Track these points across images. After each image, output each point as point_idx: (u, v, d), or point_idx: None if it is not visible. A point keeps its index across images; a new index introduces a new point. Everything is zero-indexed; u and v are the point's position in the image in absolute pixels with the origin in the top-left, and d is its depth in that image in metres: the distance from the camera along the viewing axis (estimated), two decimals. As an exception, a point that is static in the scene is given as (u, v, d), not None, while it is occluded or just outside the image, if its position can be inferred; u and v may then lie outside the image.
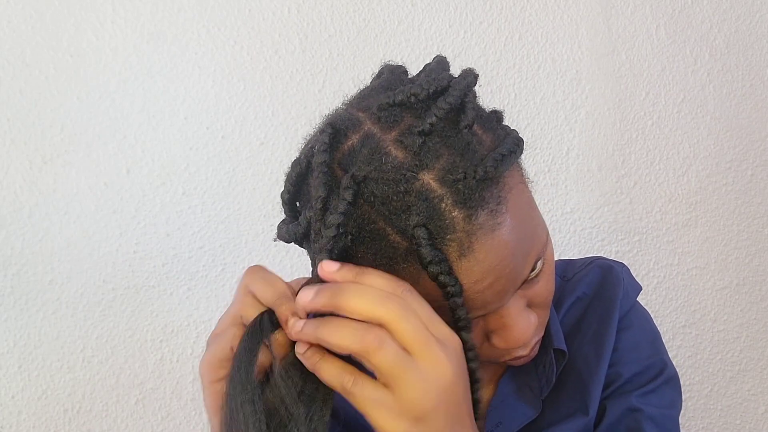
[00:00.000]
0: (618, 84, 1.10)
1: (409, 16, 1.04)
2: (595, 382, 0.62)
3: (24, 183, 0.95)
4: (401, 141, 0.45)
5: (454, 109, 0.46)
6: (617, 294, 0.66)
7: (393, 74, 0.52)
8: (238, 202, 1.01)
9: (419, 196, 0.44)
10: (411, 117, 0.46)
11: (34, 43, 0.93)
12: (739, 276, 1.17)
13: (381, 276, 0.44)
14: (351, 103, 0.51)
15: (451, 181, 0.44)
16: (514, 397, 0.62)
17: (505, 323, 0.50)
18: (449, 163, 0.45)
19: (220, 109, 1.00)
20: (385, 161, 0.45)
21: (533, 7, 1.07)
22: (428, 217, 0.44)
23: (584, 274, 0.68)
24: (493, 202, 0.45)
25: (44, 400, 0.99)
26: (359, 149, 0.46)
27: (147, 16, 0.96)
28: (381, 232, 0.45)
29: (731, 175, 1.15)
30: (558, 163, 1.10)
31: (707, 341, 1.18)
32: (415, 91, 0.46)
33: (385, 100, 0.47)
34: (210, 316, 1.02)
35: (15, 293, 0.96)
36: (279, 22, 1.00)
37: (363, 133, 0.47)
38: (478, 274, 0.45)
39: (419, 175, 0.44)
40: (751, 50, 1.14)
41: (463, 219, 0.44)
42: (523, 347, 0.53)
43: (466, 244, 0.44)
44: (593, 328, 0.65)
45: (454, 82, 0.48)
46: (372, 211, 0.45)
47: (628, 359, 0.64)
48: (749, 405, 1.20)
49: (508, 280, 0.47)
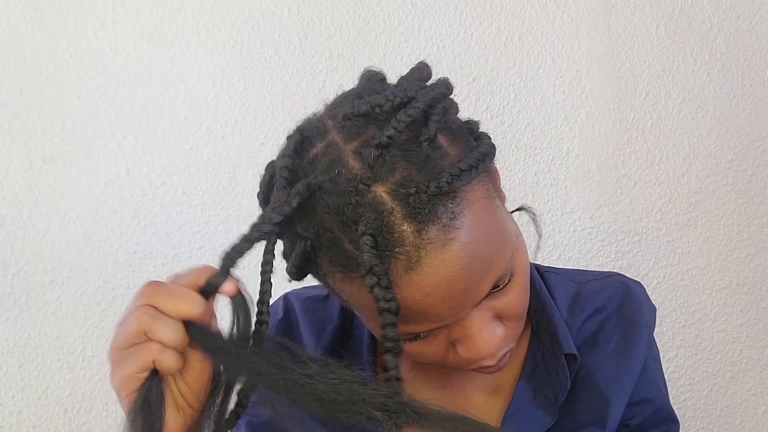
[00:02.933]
0: (618, 84, 1.10)
1: (409, 16, 1.03)
2: (616, 398, 0.61)
3: (24, 183, 0.95)
4: (360, 152, 0.45)
5: (416, 121, 0.46)
6: (641, 315, 0.65)
7: (369, 81, 0.52)
8: (238, 202, 1.01)
9: (370, 208, 0.44)
10: (374, 128, 0.46)
11: (34, 43, 0.93)
12: (739, 276, 1.17)
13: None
14: (325, 109, 0.51)
15: (403, 195, 0.44)
16: (531, 404, 0.62)
17: (468, 334, 0.50)
18: (404, 177, 0.44)
19: (220, 109, 1.00)
20: (340, 172, 0.45)
21: (533, 7, 1.07)
22: (377, 229, 0.44)
23: (602, 287, 0.67)
24: (447, 217, 0.44)
25: (44, 400, 0.99)
26: (320, 158, 0.46)
27: (147, 16, 0.96)
28: (336, 240, 0.46)
29: (731, 175, 1.15)
30: (558, 163, 1.10)
31: (707, 341, 1.18)
32: (379, 101, 0.46)
33: (349, 110, 0.47)
34: (210, 316, 1.02)
35: (15, 293, 0.96)
36: (279, 22, 1.00)
37: (327, 141, 0.47)
38: (427, 288, 0.45)
39: (372, 187, 0.44)
40: (751, 50, 1.14)
41: (412, 233, 0.44)
42: (489, 358, 0.52)
43: (414, 258, 0.44)
44: (613, 344, 0.64)
45: (420, 94, 0.47)
46: (328, 219, 0.46)
47: (655, 387, 0.65)
48: (749, 405, 1.20)
49: (464, 296, 0.46)
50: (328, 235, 0.46)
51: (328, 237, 0.46)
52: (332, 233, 0.46)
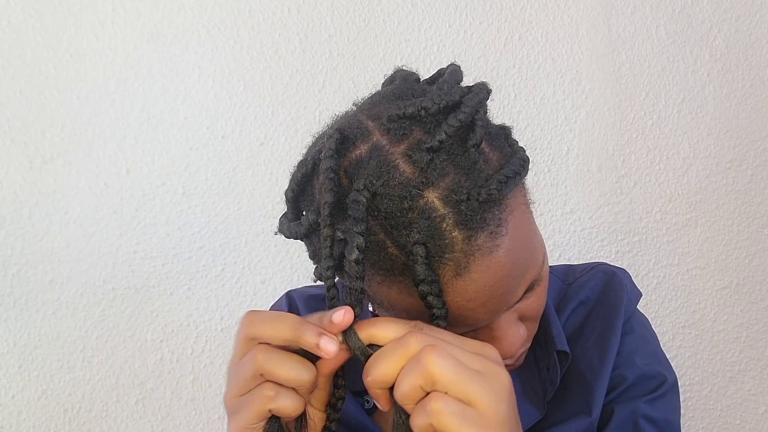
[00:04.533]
0: (618, 84, 1.10)
1: (409, 16, 1.03)
2: (599, 385, 0.62)
3: (24, 183, 0.95)
4: (410, 156, 0.45)
5: (464, 126, 0.46)
6: (621, 300, 0.66)
7: (406, 82, 0.52)
8: (238, 202, 1.01)
9: (422, 214, 0.44)
10: (420, 131, 0.46)
11: (34, 43, 0.93)
12: (739, 276, 1.17)
13: (393, 322, 0.45)
14: (361, 108, 0.50)
15: (454, 202, 0.44)
16: (520, 398, 0.62)
17: (495, 336, 0.51)
18: (454, 183, 0.44)
19: (220, 109, 1.00)
20: (392, 176, 0.45)
21: (533, 7, 1.07)
22: (428, 235, 0.44)
23: (587, 279, 0.69)
24: (494, 224, 0.45)
25: (44, 400, 0.99)
26: (367, 161, 0.46)
27: (147, 16, 0.96)
28: (381, 243, 0.45)
29: (731, 175, 1.15)
30: (558, 163, 1.10)
31: (707, 341, 1.18)
32: (426, 104, 0.46)
33: (395, 112, 0.46)
34: (210, 316, 1.02)
35: (15, 293, 0.96)
36: (279, 22, 1.00)
37: (372, 144, 0.46)
38: (471, 294, 0.46)
39: (424, 192, 0.44)
40: (751, 50, 1.14)
41: (462, 240, 0.44)
42: (510, 358, 0.53)
43: (462, 264, 0.44)
44: (596, 332, 0.65)
45: (467, 99, 0.47)
46: (375, 223, 0.45)
47: (631, 363, 0.64)
48: (749, 405, 1.20)
49: (501, 301, 0.47)
50: (373, 239, 0.45)
51: (372, 240, 0.45)
52: (377, 236, 0.45)
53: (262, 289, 1.02)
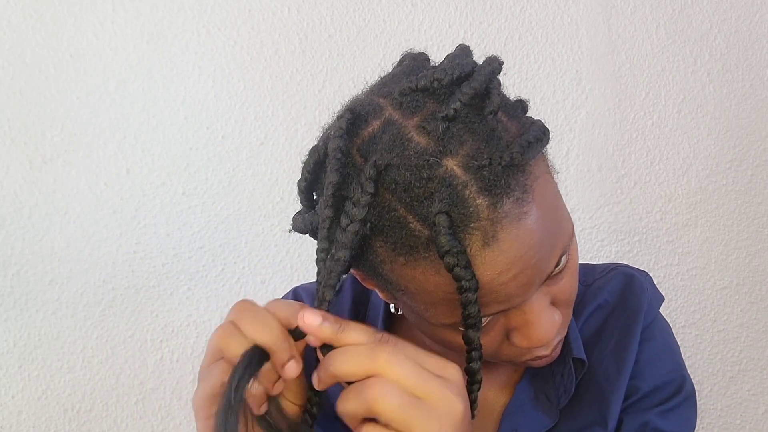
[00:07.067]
0: (618, 84, 1.10)
1: (409, 16, 1.03)
2: (615, 396, 0.60)
3: (24, 183, 0.95)
4: (424, 127, 0.44)
5: (478, 94, 0.45)
6: (641, 305, 0.63)
7: (415, 61, 0.51)
8: (238, 202, 1.01)
9: (442, 183, 0.42)
10: (434, 103, 0.45)
11: (34, 43, 0.93)
12: (739, 276, 1.17)
13: (362, 329, 0.43)
14: (371, 89, 0.49)
15: (475, 168, 0.42)
16: (531, 404, 0.61)
17: (528, 320, 0.48)
18: (474, 150, 0.43)
19: (220, 109, 1.00)
20: (407, 147, 0.43)
21: (533, 7, 1.07)
22: (451, 203, 0.42)
23: (606, 281, 0.65)
24: (519, 191, 0.43)
25: (44, 400, 0.99)
26: (380, 135, 0.44)
27: (147, 16, 0.96)
28: (402, 220, 0.43)
29: (731, 175, 1.15)
30: (558, 163, 1.09)
31: (707, 341, 1.18)
32: (438, 76, 0.45)
33: (407, 85, 0.45)
34: (210, 316, 1.02)
35: (15, 293, 0.96)
36: (279, 22, 1.00)
37: (384, 119, 0.45)
38: (502, 265, 0.43)
39: (443, 161, 0.43)
40: (751, 50, 1.14)
41: (488, 207, 0.42)
42: (545, 347, 0.51)
43: (490, 233, 0.42)
44: (615, 339, 0.62)
45: (479, 68, 0.46)
46: (393, 198, 0.43)
47: (647, 373, 0.62)
48: (749, 405, 1.20)
49: (534, 272, 0.45)
50: (392, 215, 0.43)
51: (391, 218, 0.43)
52: (397, 212, 0.43)
53: (262, 289, 1.02)
